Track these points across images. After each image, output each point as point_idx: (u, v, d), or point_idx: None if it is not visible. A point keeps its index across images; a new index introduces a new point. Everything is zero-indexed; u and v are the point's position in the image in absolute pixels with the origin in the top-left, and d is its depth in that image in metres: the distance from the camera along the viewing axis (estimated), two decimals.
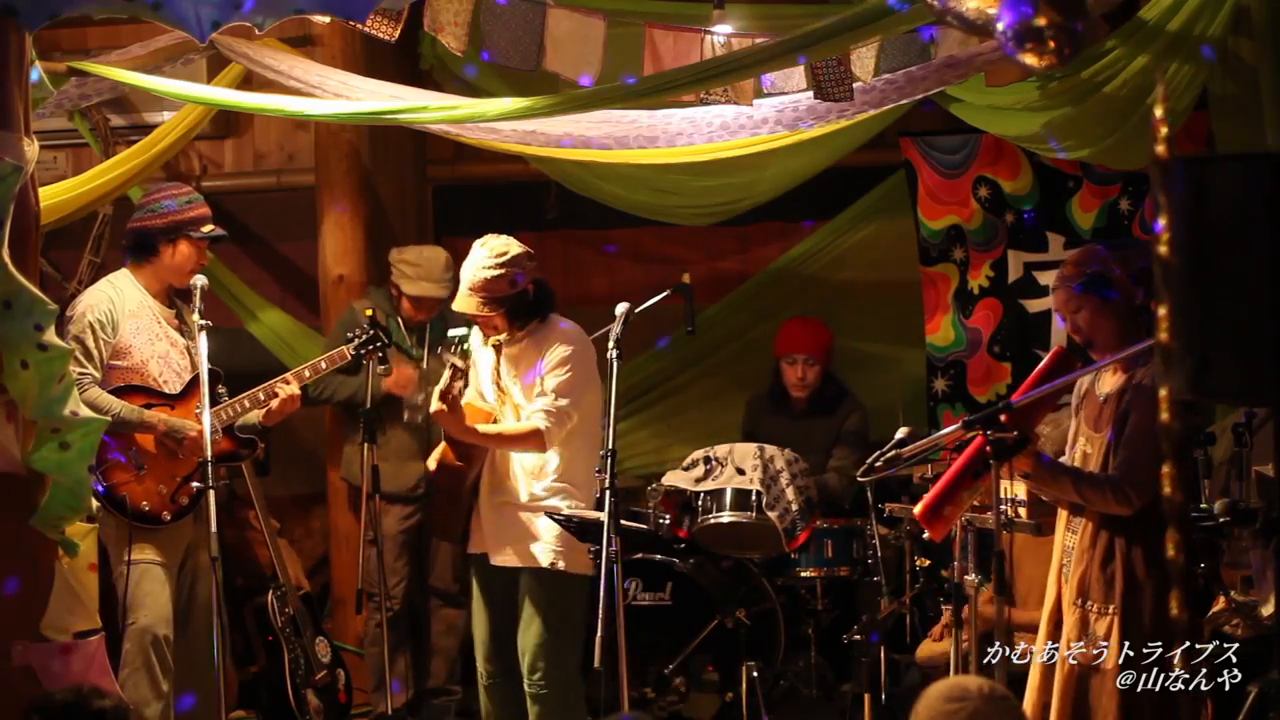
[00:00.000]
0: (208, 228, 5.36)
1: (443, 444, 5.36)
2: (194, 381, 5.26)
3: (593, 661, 4.70)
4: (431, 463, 5.35)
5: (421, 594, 6.60)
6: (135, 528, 5.10)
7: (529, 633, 5.11)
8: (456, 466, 5.30)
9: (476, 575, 5.29)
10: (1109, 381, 4.45)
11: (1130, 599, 4.31)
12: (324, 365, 5.57)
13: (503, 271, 5.00)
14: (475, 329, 5.20)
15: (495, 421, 5.21)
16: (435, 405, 5.00)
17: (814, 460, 6.34)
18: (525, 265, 5.06)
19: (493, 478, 5.23)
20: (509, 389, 5.20)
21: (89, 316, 5.14)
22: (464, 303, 5.07)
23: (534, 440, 5.06)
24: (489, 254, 5.03)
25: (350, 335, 5.68)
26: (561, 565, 5.09)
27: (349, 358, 5.62)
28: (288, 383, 5.40)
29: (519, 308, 5.07)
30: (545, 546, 5.10)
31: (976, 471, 4.36)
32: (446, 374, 4.96)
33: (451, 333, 5.17)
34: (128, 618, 5.10)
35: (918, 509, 4.52)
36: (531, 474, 5.15)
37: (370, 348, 5.66)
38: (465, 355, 5.04)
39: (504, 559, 5.18)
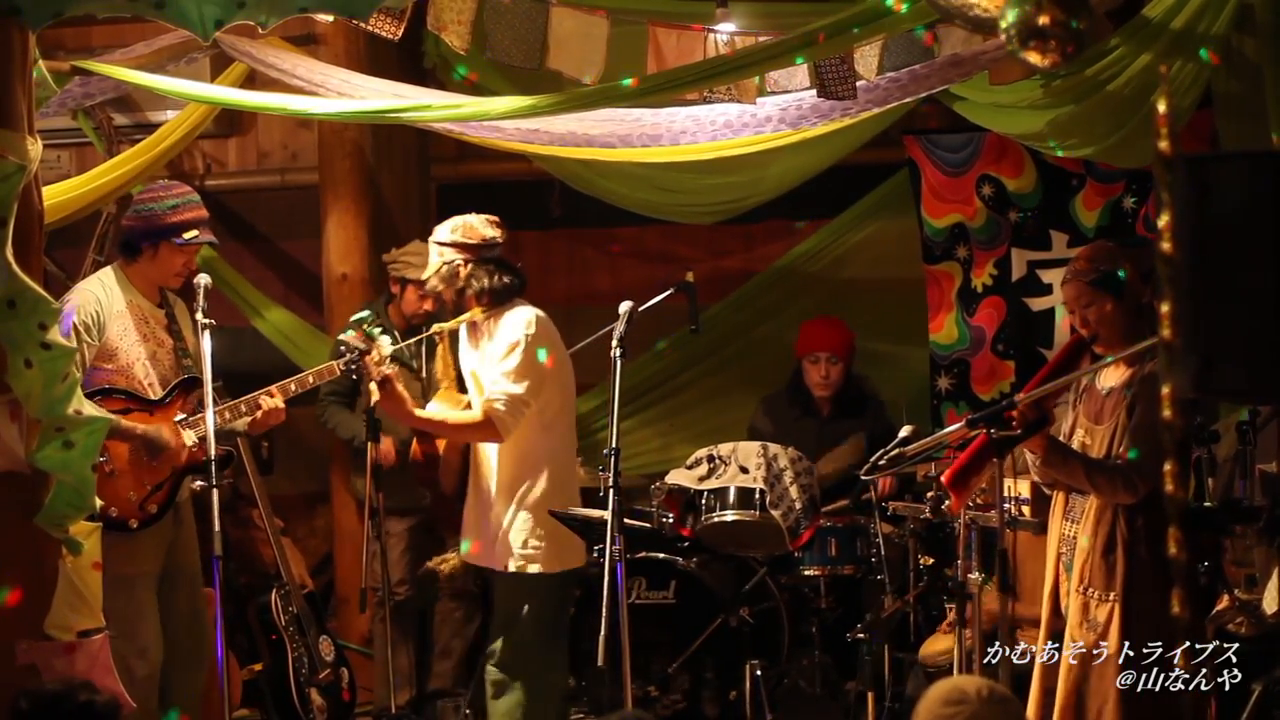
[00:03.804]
0: (191, 234, 5.18)
1: (414, 438, 5.35)
2: (177, 388, 5.18)
3: (593, 661, 4.69)
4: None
5: (425, 594, 6.60)
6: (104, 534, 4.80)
7: (495, 632, 5.12)
8: (421, 461, 5.29)
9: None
10: (1112, 375, 4.51)
11: (1131, 586, 4.36)
12: (311, 380, 5.38)
13: (445, 241, 5.05)
14: (370, 313, 5.19)
15: (468, 409, 5.17)
16: (374, 395, 4.97)
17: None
18: (476, 237, 5.04)
19: (475, 475, 5.19)
20: (468, 375, 5.18)
21: (75, 318, 4.97)
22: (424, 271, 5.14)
23: (486, 429, 4.96)
24: (447, 225, 5.10)
25: (342, 350, 5.47)
26: (513, 567, 5.05)
27: (338, 373, 5.41)
28: (271, 395, 5.24)
29: (466, 288, 5.04)
30: (510, 548, 5.06)
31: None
32: (363, 361, 4.94)
33: (355, 316, 5.09)
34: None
35: (945, 475, 4.58)
36: (506, 470, 5.07)
37: (360, 360, 5.40)
38: (369, 338, 4.94)
39: (477, 557, 5.19)
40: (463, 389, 5.33)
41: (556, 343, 5.14)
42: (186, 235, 5.19)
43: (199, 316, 5.05)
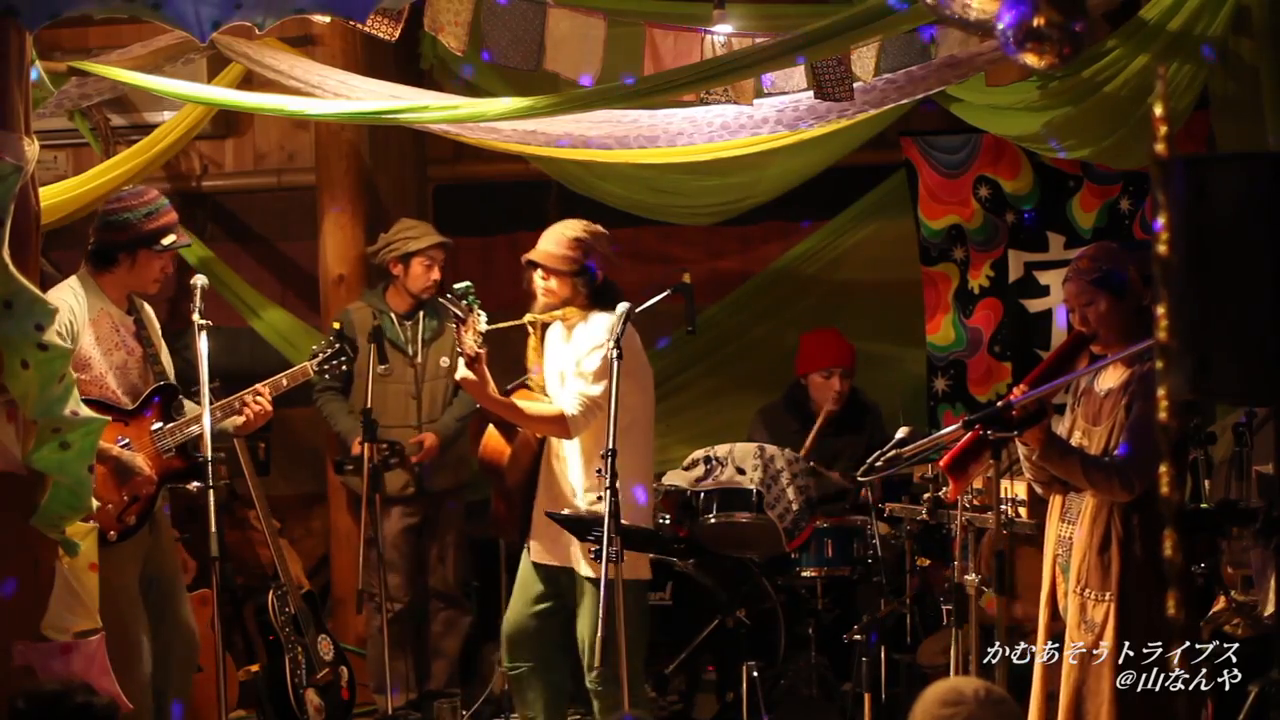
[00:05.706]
0: (169, 239, 5.18)
1: (489, 429, 5.32)
2: (150, 396, 5.16)
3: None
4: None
5: (423, 595, 6.60)
6: None
7: (585, 630, 5.06)
8: (493, 462, 5.26)
9: (521, 568, 5.27)
10: (1110, 377, 4.52)
11: (1126, 586, 4.37)
12: (285, 382, 5.41)
13: (583, 237, 5.09)
14: (470, 285, 5.08)
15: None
16: (462, 371, 4.92)
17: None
18: (604, 249, 5.14)
19: (548, 485, 5.17)
20: (551, 371, 5.16)
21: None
22: (538, 250, 5.12)
23: (558, 424, 4.99)
24: (579, 222, 5.17)
25: (315, 351, 5.58)
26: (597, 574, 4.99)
27: (311, 374, 5.51)
28: (259, 394, 5.27)
29: (584, 281, 5.07)
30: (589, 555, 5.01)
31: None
32: (459, 331, 4.88)
33: (456, 286, 5.03)
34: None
35: (943, 460, 4.58)
36: (584, 469, 5.07)
37: (333, 363, 5.56)
38: (469, 308, 4.87)
39: (549, 556, 5.15)
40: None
41: (637, 348, 5.13)
42: (165, 241, 5.19)
43: (196, 317, 5.06)
